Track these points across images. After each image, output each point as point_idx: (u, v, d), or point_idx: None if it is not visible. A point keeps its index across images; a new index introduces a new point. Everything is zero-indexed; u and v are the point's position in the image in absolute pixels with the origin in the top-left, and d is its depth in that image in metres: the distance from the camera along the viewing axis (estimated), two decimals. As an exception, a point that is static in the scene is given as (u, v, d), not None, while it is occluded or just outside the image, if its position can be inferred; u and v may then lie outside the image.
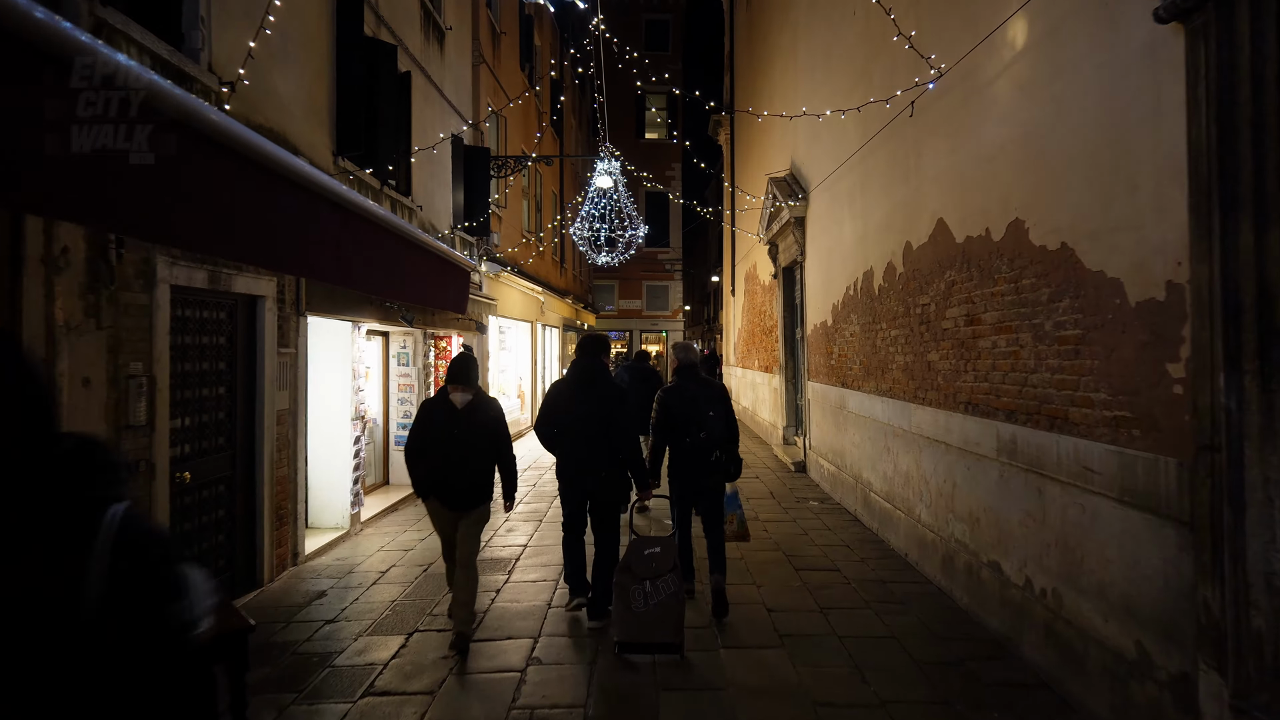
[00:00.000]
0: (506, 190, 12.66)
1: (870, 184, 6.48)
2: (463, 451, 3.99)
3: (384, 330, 8.26)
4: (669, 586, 3.74)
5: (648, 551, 3.85)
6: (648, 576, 3.75)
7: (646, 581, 3.74)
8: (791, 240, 9.92)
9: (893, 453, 5.90)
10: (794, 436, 10.94)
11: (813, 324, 8.97)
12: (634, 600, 3.72)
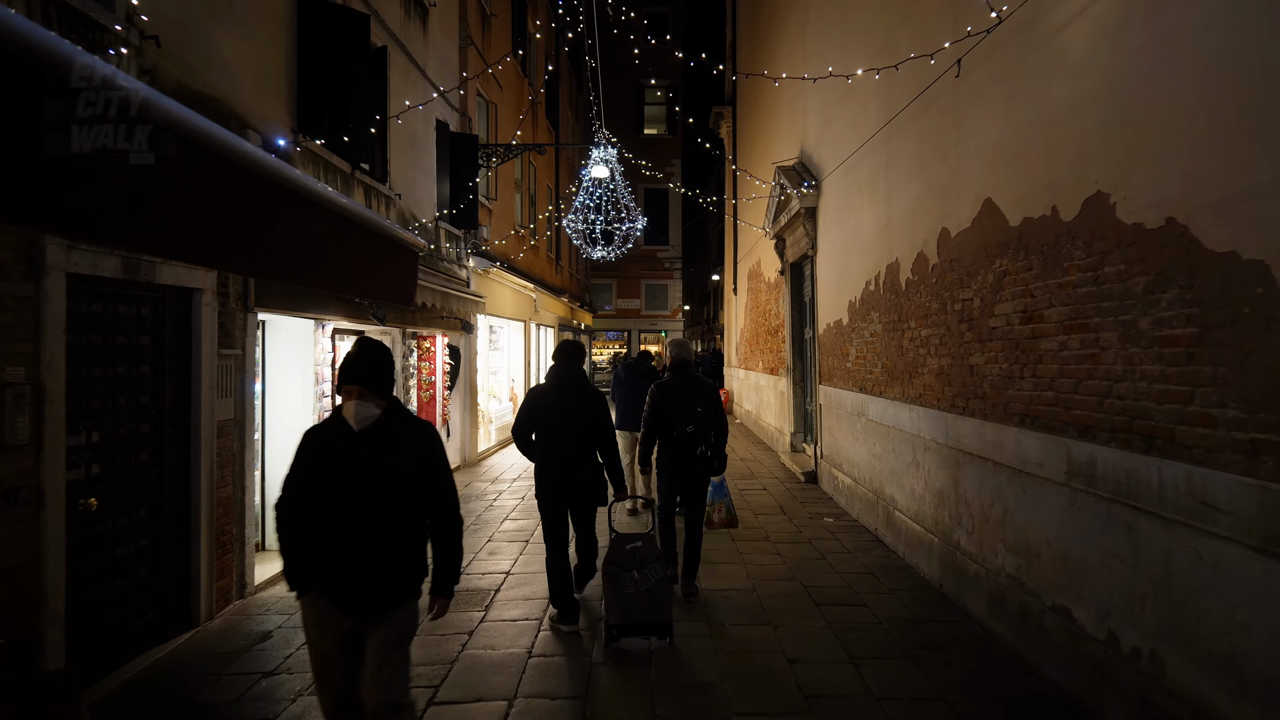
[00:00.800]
0: (496, 181, 11.97)
1: (896, 166, 5.79)
2: (368, 506, 2.41)
3: (356, 329, 7.57)
4: (656, 573, 3.96)
5: (629, 546, 4.07)
6: (635, 566, 3.97)
7: (635, 570, 3.95)
8: (801, 233, 9.24)
9: (923, 468, 5.21)
10: (802, 444, 10.26)
11: (825, 323, 8.29)
12: (626, 587, 3.91)
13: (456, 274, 9.91)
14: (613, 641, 3.98)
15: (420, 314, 8.14)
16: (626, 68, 26.50)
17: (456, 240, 10.10)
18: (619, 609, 3.91)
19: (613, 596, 3.93)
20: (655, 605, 3.91)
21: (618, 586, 3.92)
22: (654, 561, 4.01)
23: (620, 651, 3.94)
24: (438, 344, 9.40)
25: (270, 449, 5.73)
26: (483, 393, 11.83)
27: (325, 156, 6.09)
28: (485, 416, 11.78)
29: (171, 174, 2.14)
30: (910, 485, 5.50)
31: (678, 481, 4.78)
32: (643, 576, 3.94)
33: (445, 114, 9.79)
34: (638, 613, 3.89)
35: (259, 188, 2.68)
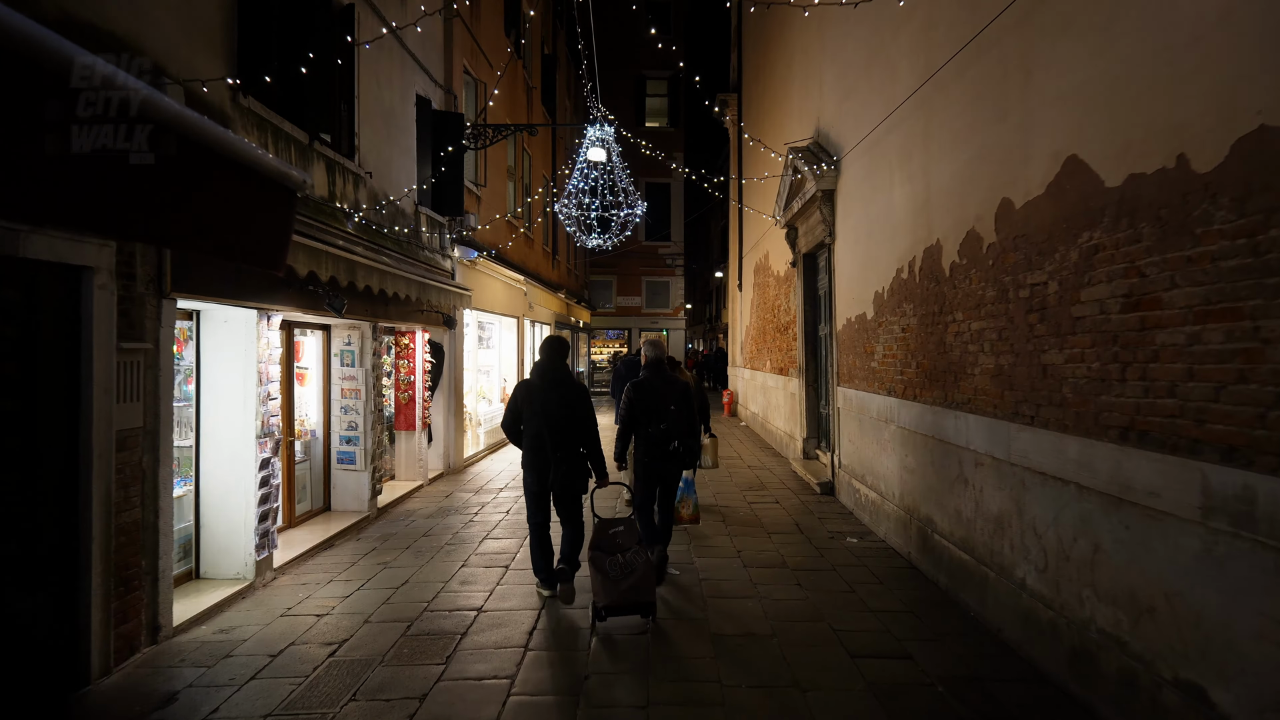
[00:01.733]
0: (485, 166, 11.14)
1: (936, 132, 4.96)
2: None
3: (313, 321, 6.75)
4: (639, 558, 4.17)
5: (612, 531, 4.32)
6: (617, 551, 4.20)
7: (618, 554, 4.17)
8: (816, 219, 8.40)
9: (973, 487, 4.38)
10: (816, 450, 9.42)
11: (844, 318, 7.45)
12: (610, 570, 4.10)
13: (439, 264, 9.09)
14: (600, 621, 4.15)
15: (395, 307, 7.32)
16: (627, 60, 25.70)
17: (439, 228, 9.28)
18: (605, 592, 4.08)
19: (598, 580, 4.12)
20: (639, 588, 4.09)
21: (601, 570, 4.13)
22: (635, 545, 4.25)
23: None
24: (417, 340, 8.58)
25: (208, 461, 4.91)
26: (470, 393, 11.01)
27: (274, 122, 5.27)
28: (472, 419, 10.96)
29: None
30: (955, 506, 4.66)
31: (654, 475, 5.02)
32: (626, 560, 4.16)
33: (427, 89, 8.97)
34: (623, 595, 4.07)
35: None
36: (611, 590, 4.06)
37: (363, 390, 6.92)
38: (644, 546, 4.31)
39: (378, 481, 7.12)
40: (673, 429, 4.89)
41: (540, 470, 4.58)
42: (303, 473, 6.64)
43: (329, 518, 6.80)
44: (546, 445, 4.51)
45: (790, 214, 9.45)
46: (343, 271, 5.40)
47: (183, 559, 4.84)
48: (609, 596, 4.06)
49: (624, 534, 4.32)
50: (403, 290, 6.69)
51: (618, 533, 4.33)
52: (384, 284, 6.26)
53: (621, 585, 4.07)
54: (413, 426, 8.57)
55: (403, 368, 8.53)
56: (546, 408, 4.51)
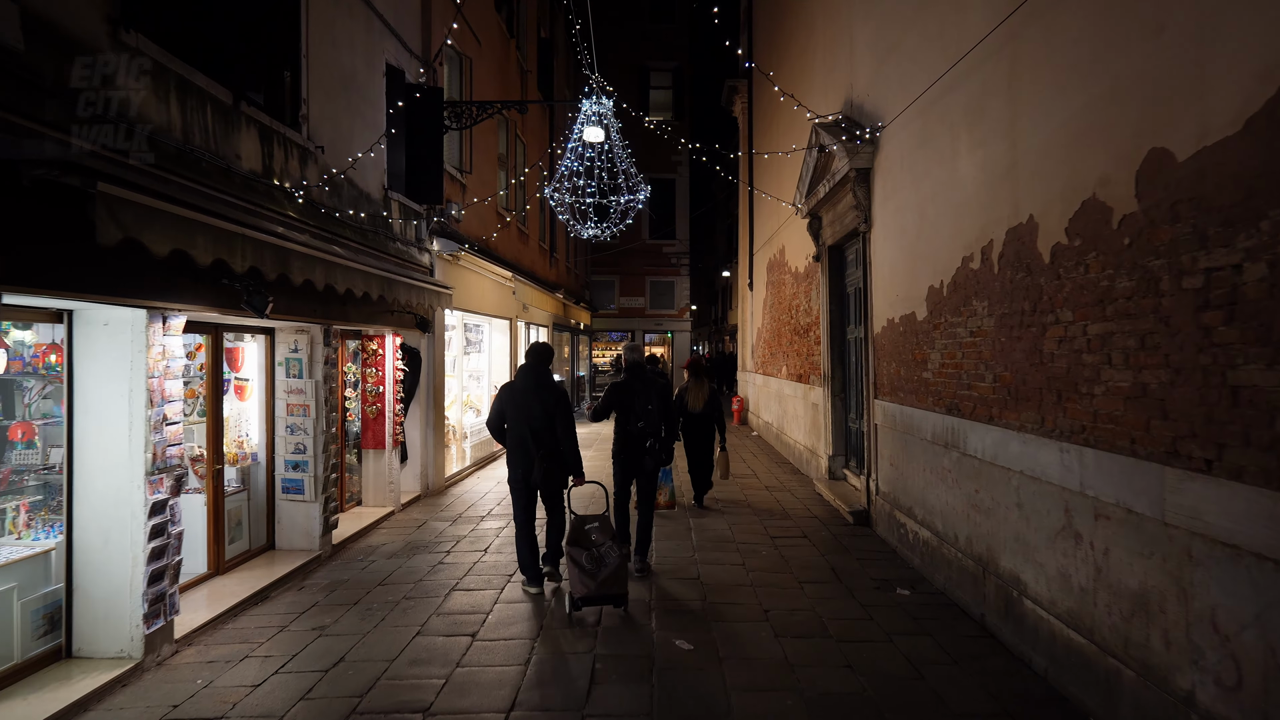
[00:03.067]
0: (471, 151, 10.02)
1: (1030, 73, 3.82)
2: None
3: (264, 325, 5.64)
4: (612, 552, 4.45)
5: (588, 526, 4.61)
6: (592, 546, 4.50)
7: (593, 549, 4.47)
8: (846, 204, 7.26)
9: (1091, 545, 3.24)
10: (845, 470, 8.27)
11: (885, 319, 6.31)
12: (586, 565, 4.36)
13: (414, 258, 7.98)
14: (575, 610, 4.39)
15: (356, 306, 6.21)
16: (630, 50, 24.58)
17: (415, 218, 8.17)
18: (581, 584, 4.31)
19: (574, 573, 4.35)
20: (612, 581, 4.34)
21: (578, 564, 4.35)
22: (610, 540, 4.50)
23: None
24: (388, 345, 7.46)
25: (84, 505, 3.79)
26: (454, 404, 9.89)
27: (179, 71, 4.16)
28: (455, 432, 9.84)
29: None
30: (1058, 566, 3.52)
31: (631, 470, 5.30)
32: (601, 555, 4.41)
33: (401, 59, 7.86)
34: (597, 587, 4.29)
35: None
36: (587, 582, 4.33)
37: (312, 406, 5.80)
38: (617, 541, 4.57)
39: (331, 514, 6.00)
40: (650, 427, 5.24)
41: (524, 465, 4.86)
42: (238, 506, 5.53)
43: (272, 559, 5.68)
44: (529, 444, 4.81)
45: (813, 201, 8.30)
46: (270, 261, 4.27)
47: (48, 633, 3.73)
48: (584, 589, 4.33)
49: (599, 529, 4.60)
50: (361, 286, 5.57)
51: (593, 528, 4.60)
52: (335, 279, 5.14)
53: (596, 578, 4.33)
54: (382, 445, 7.45)
55: (370, 377, 7.42)
56: (529, 410, 4.81)
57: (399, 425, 7.64)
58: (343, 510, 7.23)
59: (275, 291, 4.75)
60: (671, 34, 25.59)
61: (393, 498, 7.51)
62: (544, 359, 5.02)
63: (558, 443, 4.84)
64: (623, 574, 4.41)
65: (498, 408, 4.95)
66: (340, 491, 7.20)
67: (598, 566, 4.36)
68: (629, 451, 5.27)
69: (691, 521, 6.92)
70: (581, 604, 4.36)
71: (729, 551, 5.89)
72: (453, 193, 9.33)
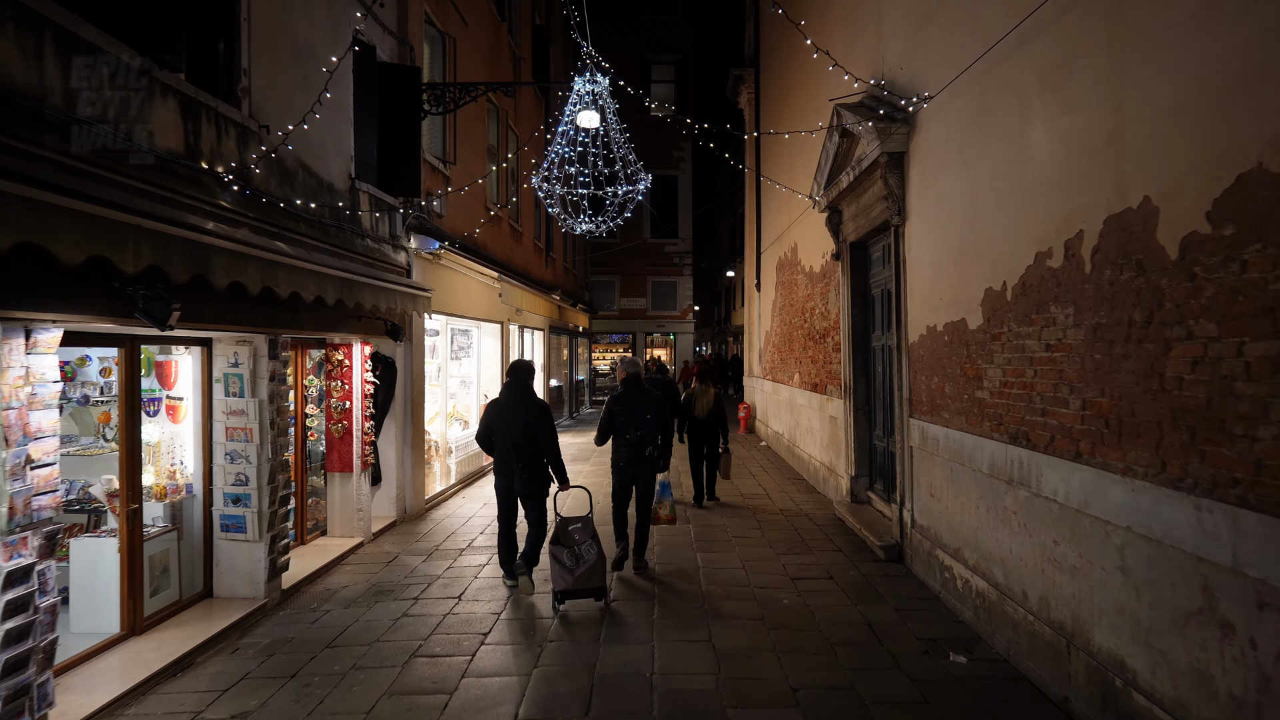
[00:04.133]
0: (455, 141, 9.17)
1: (1146, 16, 2.95)
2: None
3: (200, 336, 4.80)
4: (591, 550, 4.83)
5: (571, 527, 4.97)
6: (574, 545, 4.85)
7: (575, 547, 4.83)
8: (874, 195, 6.40)
9: (1253, 643, 2.37)
10: (869, 493, 7.40)
11: (923, 326, 5.44)
12: (567, 562, 4.75)
13: (387, 257, 7.13)
14: (559, 604, 4.82)
15: (311, 313, 5.36)
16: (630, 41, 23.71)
17: (389, 212, 7.31)
18: (562, 579, 4.74)
19: (556, 569, 4.78)
20: (591, 576, 4.77)
21: (560, 562, 4.77)
22: (590, 540, 4.89)
23: None
24: (355, 355, 6.61)
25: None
26: (437, 417, 9.04)
27: (64, 23, 3.31)
28: (438, 448, 8.98)
29: None
30: (1191, 660, 2.66)
31: (629, 476, 5.66)
32: (582, 553, 4.82)
33: (374, 35, 7.01)
34: (577, 581, 4.73)
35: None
36: (567, 577, 4.70)
37: (255, 429, 4.94)
38: (597, 540, 4.90)
39: (280, 554, 5.15)
40: (647, 436, 5.57)
41: (508, 476, 5.22)
42: (164, 549, 4.67)
43: (210, 609, 4.84)
44: (511, 456, 5.14)
45: (833, 193, 7.44)
46: (179, 260, 3.42)
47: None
48: (564, 583, 4.71)
49: (580, 530, 4.91)
50: (312, 289, 4.72)
51: (575, 529, 4.93)
52: (276, 281, 4.29)
53: (575, 573, 4.71)
54: (349, 467, 6.60)
55: (336, 391, 6.57)
56: (512, 424, 5.14)
57: (369, 445, 6.79)
58: (304, 542, 6.38)
59: (197, 296, 3.89)
60: (673, 26, 24.74)
61: (361, 527, 6.65)
62: (525, 375, 5.38)
63: (540, 454, 5.18)
64: (600, 569, 4.81)
65: (486, 423, 5.32)
66: (300, 522, 6.35)
67: (577, 563, 4.76)
68: (627, 459, 5.62)
69: (700, 558, 6.06)
70: (563, 596, 4.79)
71: (745, 600, 5.03)
72: (434, 185, 8.48)
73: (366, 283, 5.66)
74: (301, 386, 6.37)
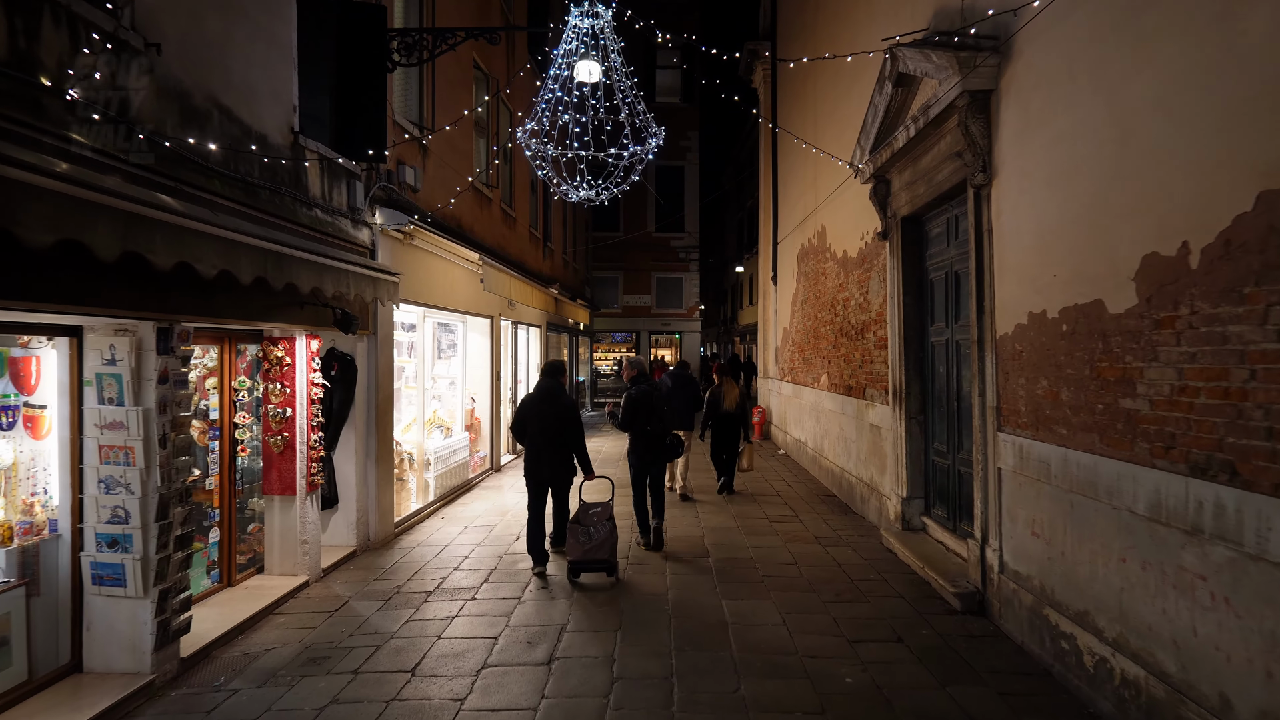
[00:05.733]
0: (433, 107, 7.92)
1: None
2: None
3: (65, 324, 3.55)
4: (604, 529, 5.37)
5: (592, 511, 5.47)
6: (591, 524, 5.39)
7: (590, 527, 5.37)
8: (940, 154, 5.14)
9: None
10: (924, 518, 6.14)
11: (1023, 313, 4.18)
12: (580, 538, 5.32)
13: (345, 233, 5.88)
14: (573, 575, 5.38)
15: (227, 294, 4.11)
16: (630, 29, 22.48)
17: (348, 180, 6.06)
18: (574, 550, 5.33)
19: (571, 543, 5.35)
20: (602, 550, 5.31)
21: (575, 537, 5.34)
22: (605, 521, 5.40)
23: None
24: (299, 352, 5.36)
25: None
26: (413, 425, 7.79)
27: None
28: (412, 461, 7.73)
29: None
30: None
31: (646, 463, 6.24)
32: (595, 531, 5.35)
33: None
34: (589, 554, 5.30)
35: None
36: (578, 551, 5.31)
37: (138, 448, 3.69)
38: (613, 522, 5.43)
39: (176, 613, 3.89)
40: (664, 428, 6.25)
41: (538, 464, 5.68)
42: (7, 611, 3.42)
43: (76, 690, 3.60)
44: (542, 446, 5.64)
45: (882, 158, 6.16)
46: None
47: None
48: (576, 554, 5.33)
49: (600, 512, 5.46)
50: (214, 261, 3.47)
51: (595, 512, 5.47)
52: (153, 244, 3.06)
53: (586, 547, 5.31)
54: (292, 489, 5.35)
55: (275, 396, 5.32)
56: (543, 418, 5.64)
57: (317, 462, 5.53)
58: (232, 584, 5.13)
59: (60, 266, 2.65)
60: (681, 9, 23.48)
61: (307, 562, 5.40)
62: (558, 373, 5.93)
63: (566, 444, 5.66)
64: (609, 545, 5.32)
65: (519, 415, 5.83)
66: (226, 559, 5.11)
67: (589, 539, 5.30)
68: (646, 449, 6.15)
69: (727, 608, 4.80)
70: (576, 568, 5.33)
71: (794, 678, 3.76)
72: (409, 155, 7.24)
73: (304, 259, 4.40)
74: (230, 390, 5.13)
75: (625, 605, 4.89)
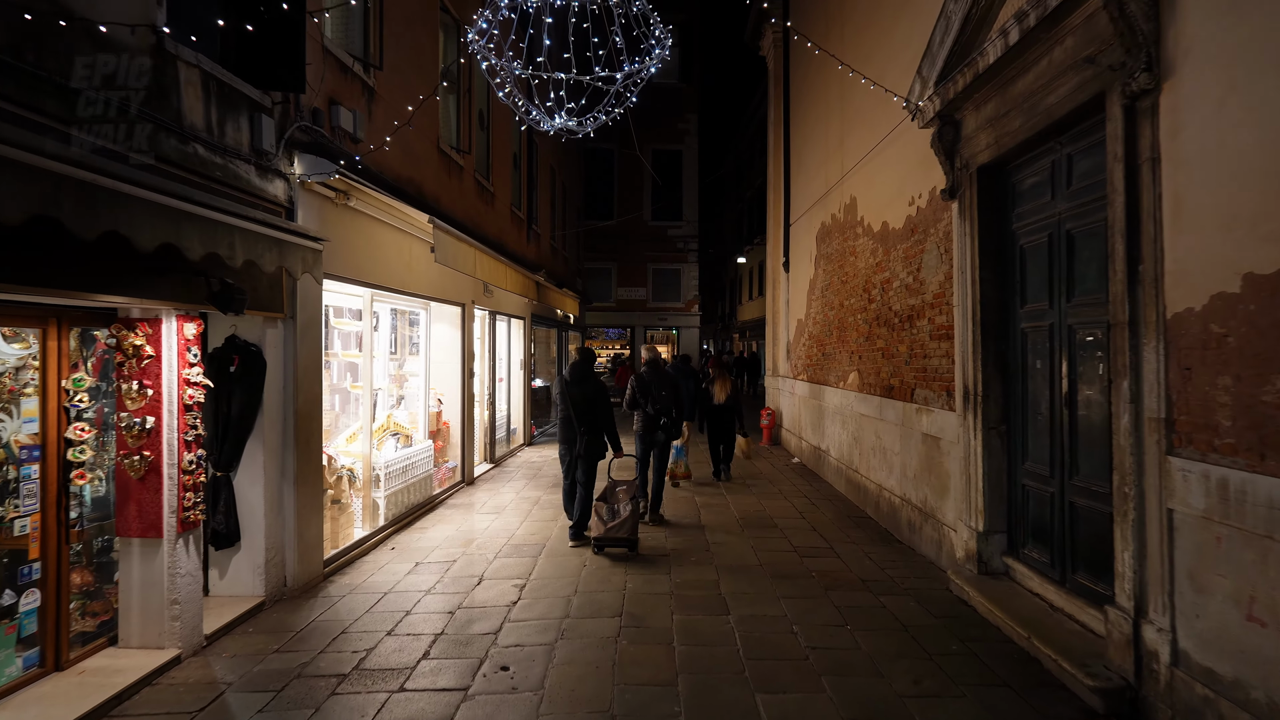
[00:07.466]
0: (381, 43, 6.42)
1: None
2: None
3: None
4: (627, 507, 5.81)
5: (618, 489, 6.02)
6: (614, 502, 5.89)
7: (614, 505, 5.86)
8: (1055, 64, 3.69)
9: None
10: (1009, 559, 4.67)
11: (1234, 276, 2.72)
12: (604, 516, 5.77)
13: (240, 178, 4.38)
14: (598, 551, 5.78)
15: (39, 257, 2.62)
16: None
17: (251, 114, 4.55)
18: (598, 528, 5.73)
19: (596, 521, 5.78)
20: (619, 527, 5.69)
21: (600, 516, 5.77)
22: (629, 500, 5.89)
23: None
24: (166, 339, 3.86)
25: None
26: (357, 435, 6.29)
27: None
28: (354, 479, 6.23)
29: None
30: None
31: (647, 442, 6.90)
32: (620, 509, 5.80)
33: None
34: (612, 532, 5.68)
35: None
36: (600, 528, 5.72)
37: None
38: (635, 501, 5.90)
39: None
40: (663, 409, 6.79)
41: (570, 442, 6.19)
42: None
43: None
44: (574, 422, 6.11)
45: (955, 88, 4.69)
46: None
47: None
48: (599, 532, 5.72)
49: (624, 491, 5.99)
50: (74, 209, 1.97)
51: (621, 490, 6.00)
52: None
53: (609, 525, 5.71)
54: (155, 529, 3.85)
55: (131, 399, 3.81)
56: (574, 399, 6.08)
57: (194, 490, 4.03)
58: (65, 666, 3.63)
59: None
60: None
61: (178, 630, 3.91)
62: (589, 359, 6.44)
63: (597, 424, 6.18)
64: (632, 525, 5.75)
65: (556, 395, 6.74)
66: (53, 630, 3.60)
67: (613, 518, 5.76)
68: (647, 427, 6.85)
69: (762, 705, 3.33)
70: (600, 544, 5.78)
71: None
72: (348, 95, 5.74)
73: (145, 199, 2.91)
74: (60, 393, 3.63)
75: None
